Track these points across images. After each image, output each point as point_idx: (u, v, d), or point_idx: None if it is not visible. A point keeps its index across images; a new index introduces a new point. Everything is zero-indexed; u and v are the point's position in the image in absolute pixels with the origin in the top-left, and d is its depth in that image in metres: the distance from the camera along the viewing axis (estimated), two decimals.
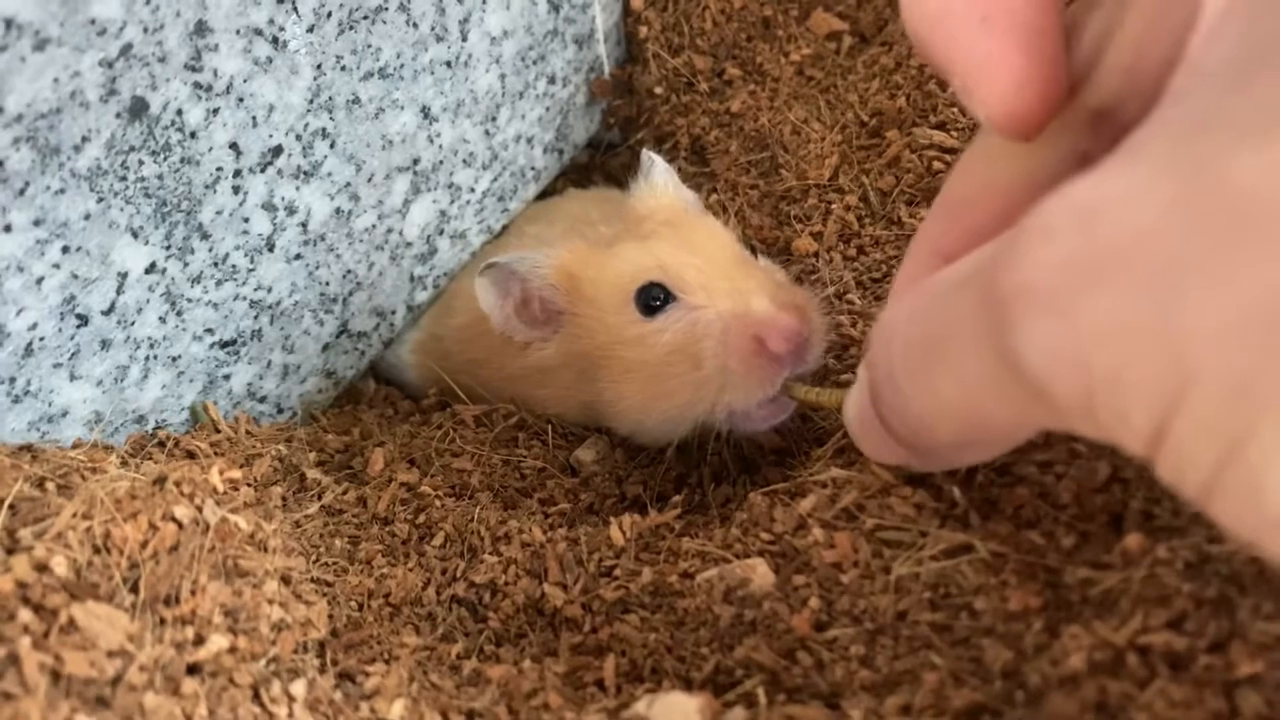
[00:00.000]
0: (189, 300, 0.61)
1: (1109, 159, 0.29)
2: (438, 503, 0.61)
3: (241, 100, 0.57)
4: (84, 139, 0.51)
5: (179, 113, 0.55)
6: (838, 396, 0.54)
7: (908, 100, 0.74)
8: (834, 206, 0.72)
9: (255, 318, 0.66)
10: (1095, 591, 0.40)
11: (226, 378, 0.67)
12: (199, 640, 0.43)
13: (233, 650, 0.44)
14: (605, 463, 0.68)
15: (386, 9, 0.63)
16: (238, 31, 0.55)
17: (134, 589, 0.44)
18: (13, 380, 0.54)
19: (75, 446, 0.58)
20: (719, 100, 0.82)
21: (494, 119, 0.76)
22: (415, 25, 0.66)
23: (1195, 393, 0.26)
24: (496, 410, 0.70)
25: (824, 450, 0.58)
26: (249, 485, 0.59)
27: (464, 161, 0.75)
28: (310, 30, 0.59)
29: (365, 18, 0.62)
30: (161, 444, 0.62)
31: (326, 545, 0.57)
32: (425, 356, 0.77)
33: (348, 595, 0.53)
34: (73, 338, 0.56)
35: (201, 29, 0.54)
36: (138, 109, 0.52)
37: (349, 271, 0.71)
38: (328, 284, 0.70)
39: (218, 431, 0.66)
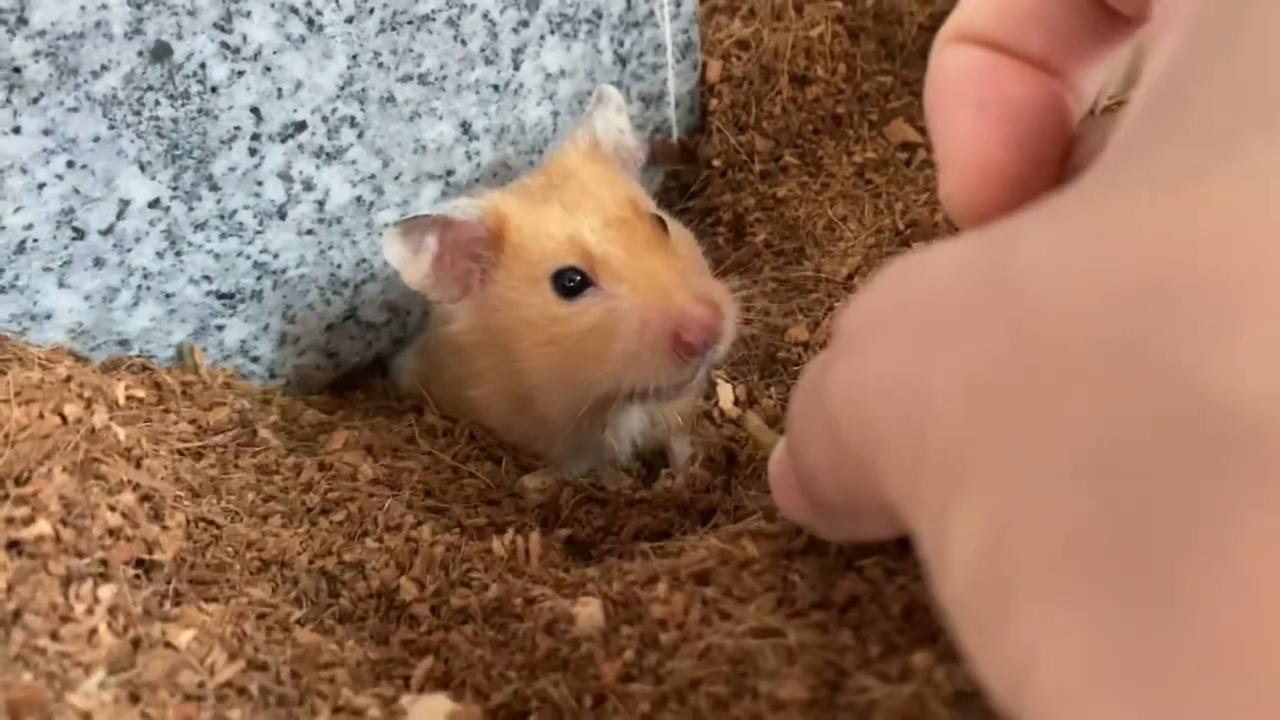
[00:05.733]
0: (190, 244, 0.65)
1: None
2: (364, 488, 0.63)
3: (269, 70, 0.62)
4: (103, 67, 0.56)
5: (202, 66, 0.59)
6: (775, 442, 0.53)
7: (945, 218, 0.73)
8: (838, 304, 0.71)
9: (258, 279, 0.70)
10: (862, 700, 0.38)
11: (220, 328, 0.71)
12: (29, 521, 0.46)
13: (57, 539, 0.46)
14: (547, 493, 0.68)
15: (434, 20, 0.67)
16: (272, 4, 0.60)
17: None
18: (1, 271, 0.59)
19: (52, 350, 0.63)
20: (769, 184, 0.82)
21: (541, 152, 0.79)
22: (463, 42, 0.69)
23: (930, 456, 0.24)
24: (462, 424, 0.72)
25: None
26: (195, 425, 0.62)
27: (503, 185, 0.77)
28: (349, 21, 0.63)
29: (410, 23, 0.66)
30: (133, 369, 0.66)
31: (239, 495, 0.59)
32: (421, 362, 0.79)
33: (226, 540, 0.55)
34: (66, 247, 0.61)
35: None
36: (160, 52, 0.57)
37: (363, 260, 0.74)
38: (339, 266, 0.73)
39: (196, 374, 0.69)
